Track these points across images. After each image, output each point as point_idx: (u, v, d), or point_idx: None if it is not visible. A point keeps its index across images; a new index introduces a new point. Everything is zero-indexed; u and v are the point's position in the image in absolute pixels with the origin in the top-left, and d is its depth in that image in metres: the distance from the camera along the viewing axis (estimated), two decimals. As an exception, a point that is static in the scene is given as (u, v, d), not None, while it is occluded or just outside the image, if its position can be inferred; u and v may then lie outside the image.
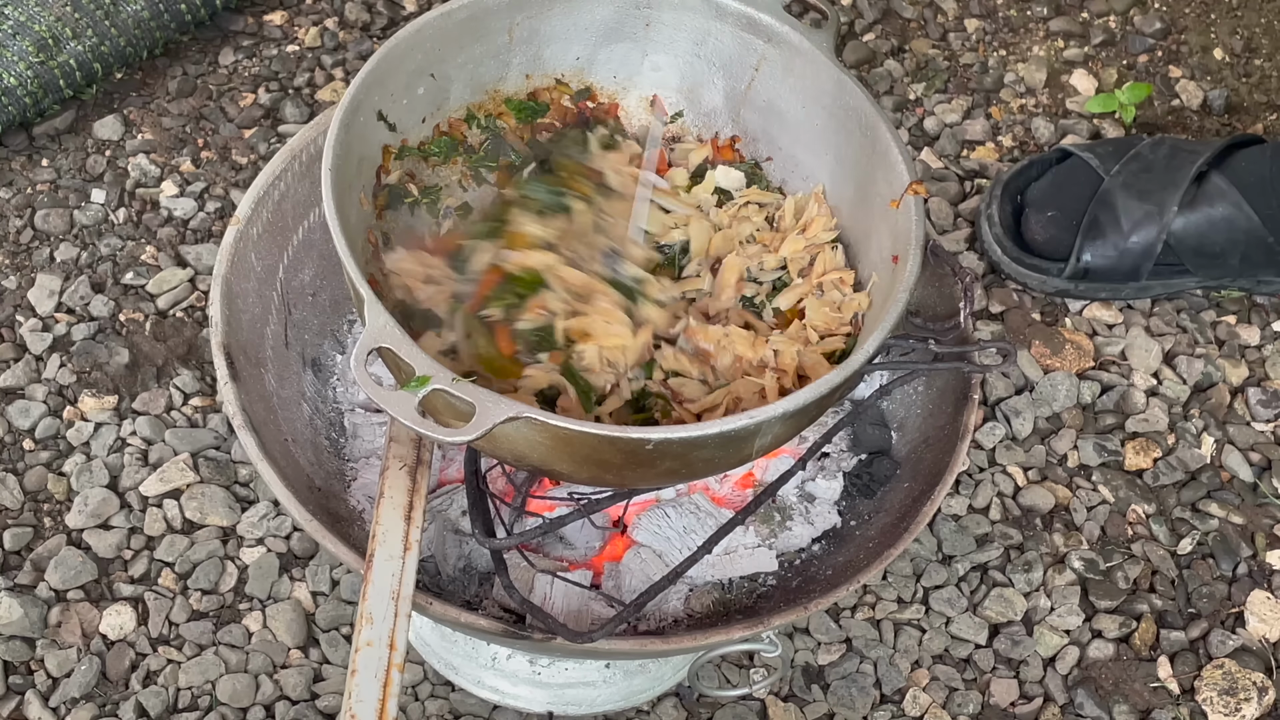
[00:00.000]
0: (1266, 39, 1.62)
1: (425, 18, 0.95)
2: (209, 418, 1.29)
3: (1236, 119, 1.57)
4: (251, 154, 1.45)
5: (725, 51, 1.02)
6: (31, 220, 1.39)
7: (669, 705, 1.18)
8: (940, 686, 1.21)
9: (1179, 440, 1.35)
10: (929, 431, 1.10)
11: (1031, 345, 1.39)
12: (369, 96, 0.92)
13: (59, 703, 1.15)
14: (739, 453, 0.88)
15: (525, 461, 0.87)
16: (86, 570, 1.21)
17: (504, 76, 1.02)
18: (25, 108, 1.41)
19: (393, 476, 0.96)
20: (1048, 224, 1.39)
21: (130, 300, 1.35)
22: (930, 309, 1.10)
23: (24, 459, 1.26)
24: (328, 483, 1.07)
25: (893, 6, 1.62)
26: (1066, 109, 1.56)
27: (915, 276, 0.88)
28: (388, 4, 1.57)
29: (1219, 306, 1.43)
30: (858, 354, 0.85)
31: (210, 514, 1.24)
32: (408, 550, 0.92)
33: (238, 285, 1.04)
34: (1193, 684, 1.22)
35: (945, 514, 1.29)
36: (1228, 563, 1.28)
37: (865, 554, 1.04)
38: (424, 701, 1.18)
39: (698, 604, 1.07)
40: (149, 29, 1.45)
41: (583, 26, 1.02)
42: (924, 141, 1.53)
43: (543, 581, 1.04)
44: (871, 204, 0.96)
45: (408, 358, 0.79)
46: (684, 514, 1.08)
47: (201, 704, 1.16)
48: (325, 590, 1.22)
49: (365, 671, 0.87)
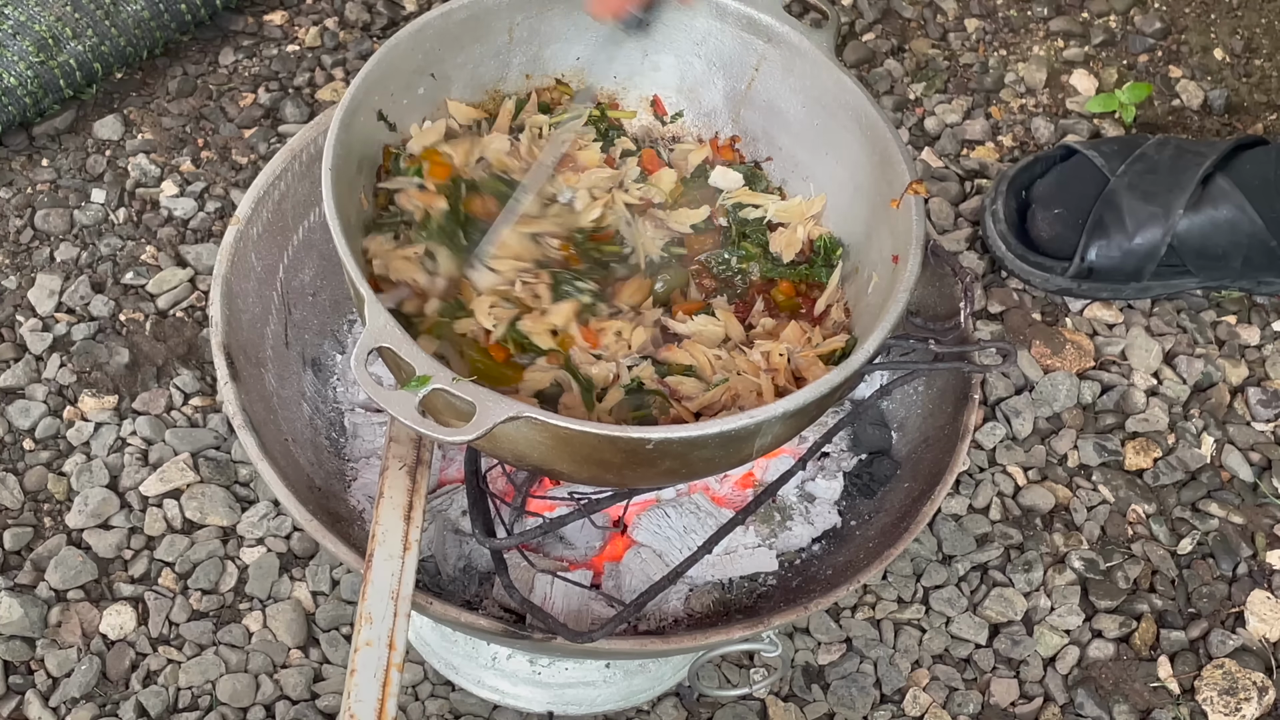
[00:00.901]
0: (1266, 39, 1.62)
1: (426, 18, 0.95)
2: (209, 418, 1.29)
3: (1236, 119, 1.57)
4: (251, 154, 1.45)
5: (725, 51, 1.02)
6: (31, 220, 1.39)
7: (669, 705, 1.18)
8: (940, 686, 1.21)
9: (1179, 440, 1.35)
10: (929, 431, 1.10)
11: (1032, 345, 1.39)
12: (369, 96, 0.92)
13: (59, 702, 1.15)
14: (739, 452, 0.88)
15: (525, 461, 0.87)
16: (86, 570, 1.21)
17: (504, 76, 1.02)
18: (25, 108, 1.41)
19: (392, 476, 0.96)
20: (1053, 222, 1.39)
21: (130, 300, 1.35)
22: (930, 309, 1.10)
23: (24, 459, 1.26)
24: (328, 483, 1.07)
25: (893, 6, 1.62)
26: (1066, 109, 1.56)
27: (915, 276, 0.88)
28: (388, 4, 1.57)
29: (1219, 306, 1.43)
30: (858, 354, 0.85)
31: (210, 514, 1.24)
32: (407, 550, 0.92)
33: (238, 285, 1.04)
34: (1193, 684, 1.22)
35: (945, 514, 1.29)
36: (1228, 563, 1.28)
37: (865, 554, 1.04)
38: (424, 701, 1.18)
39: (698, 604, 1.07)
40: (149, 29, 1.45)
41: (583, 26, 1.02)
42: (924, 141, 1.53)
43: (543, 581, 1.04)
44: (872, 203, 0.96)
45: (408, 357, 0.79)
46: (684, 514, 1.08)
47: (201, 704, 1.16)
48: (325, 590, 1.22)
49: (364, 671, 0.87)
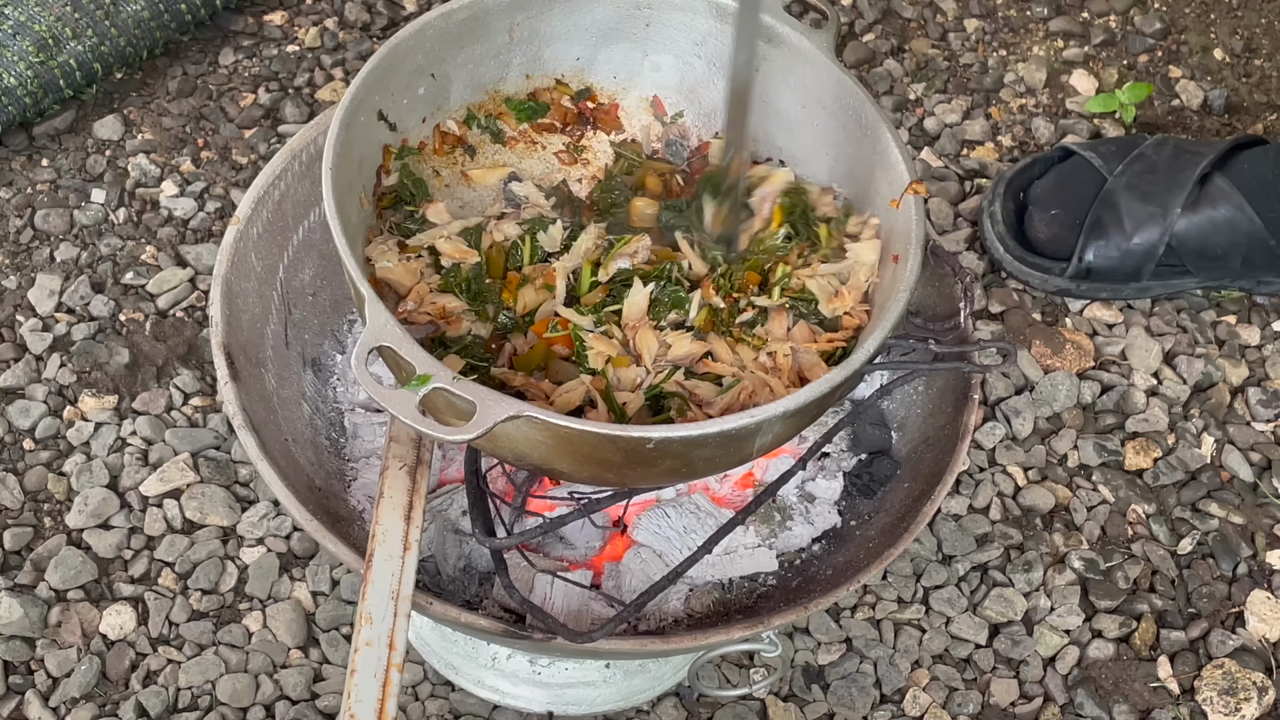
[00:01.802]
0: (1266, 39, 1.62)
1: (426, 17, 0.95)
2: (209, 418, 1.29)
3: (1236, 119, 1.57)
4: (251, 154, 1.45)
5: (726, 52, 1.02)
6: (31, 220, 1.39)
7: (669, 705, 1.18)
8: (940, 686, 1.21)
9: (1179, 440, 1.35)
10: (929, 431, 1.10)
11: (1032, 345, 1.39)
12: (369, 96, 0.92)
13: (59, 702, 1.15)
14: (739, 452, 0.88)
15: (525, 460, 0.87)
16: (86, 570, 1.21)
17: (504, 76, 1.02)
18: (25, 108, 1.41)
19: (392, 476, 0.96)
20: (1050, 223, 1.39)
21: (130, 300, 1.35)
22: (930, 309, 1.10)
23: (24, 459, 1.26)
24: (328, 483, 1.06)
25: (893, 6, 1.62)
26: (1066, 109, 1.56)
27: (915, 276, 0.88)
28: (388, 4, 1.57)
29: (1219, 306, 1.43)
30: (857, 354, 0.85)
31: (210, 514, 1.24)
32: (407, 550, 0.92)
33: (238, 285, 1.04)
34: (1193, 684, 1.22)
35: (945, 514, 1.29)
36: (1228, 562, 1.28)
37: (865, 554, 1.04)
38: (424, 701, 1.18)
39: (698, 604, 1.07)
40: (149, 29, 1.45)
41: (583, 27, 1.02)
42: (924, 141, 1.53)
43: (543, 581, 1.04)
44: (872, 203, 0.96)
45: (408, 356, 0.79)
46: (684, 514, 1.08)
47: (201, 704, 1.16)
48: (325, 590, 1.22)
49: (364, 671, 0.87)
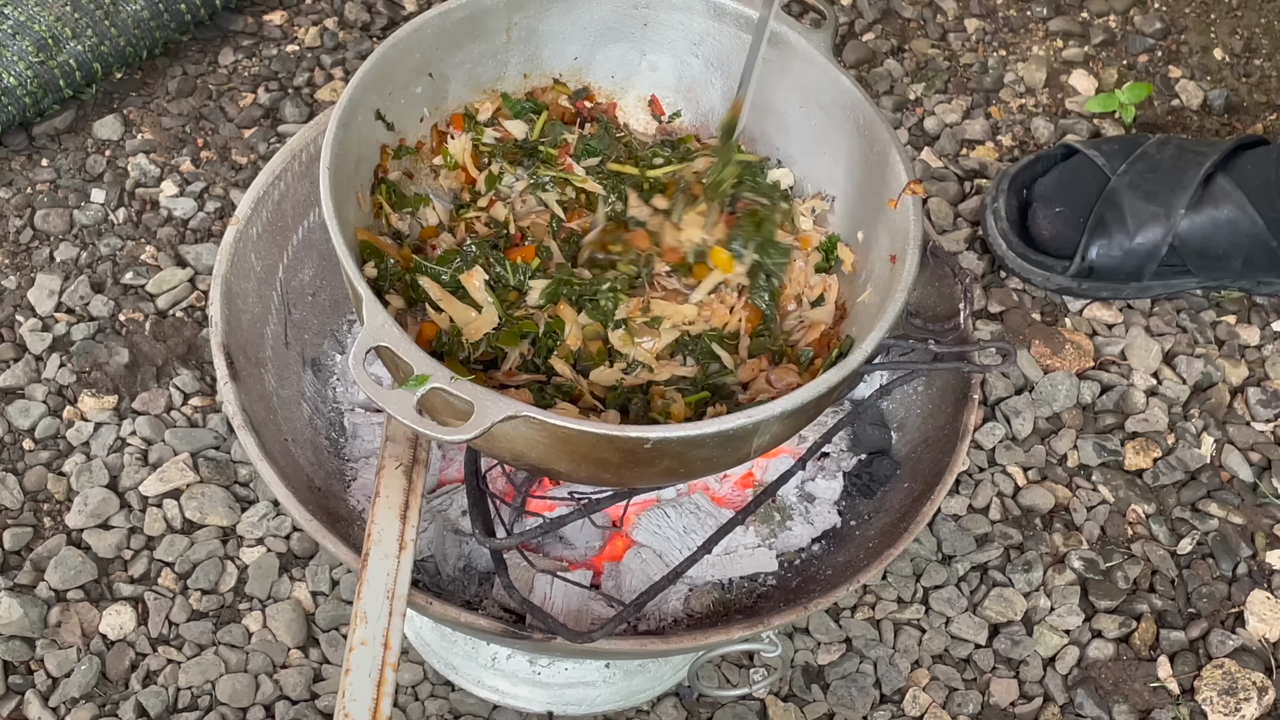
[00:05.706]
0: (1266, 39, 1.62)
1: (424, 17, 0.95)
2: (209, 418, 1.29)
3: (1236, 119, 1.57)
4: (251, 154, 1.45)
5: (723, 51, 1.02)
6: (31, 220, 1.39)
7: (669, 705, 1.18)
8: (940, 686, 1.21)
9: (1179, 440, 1.34)
10: (929, 431, 1.10)
11: (1031, 345, 1.39)
12: (367, 96, 0.92)
13: (59, 702, 1.15)
14: (737, 452, 0.88)
15: (524, 460, 0.87)
16: (86, 570, 1.21)
17: (502, 76, 1.02)
18: (25, 108, 1.41)
19: (388, 476, 0.96)
20: (1054, 220, 1.39)
21: (130, 300, 1.35)
22: (930, 309, 1.10)
23: (24, 459, 1.26)
24: (327, 483, 1.06)
25: (893, 6, 1.62)
26: (1066, 109, 1.56)
27: (913, 276, 0.88)
28: (387, 4, 1.57)
29: (1219, 306, 1.43)
30: (856, 354, 0.85)
31: (210, 514, 1.24)
32: (403, 549, 0.92)
33: (238, 285, 1.04)
34: (1193, 684, 1.22)
35: (945, 514, 1.29)
36: (1228, 563, 1.28)
37: (865, 554, 1.04)
38: (424, 701, 1.18)
39: (698, 604, 1.07)
40: (149, 29, 1.45)
41: (581, 26, 1.02)
42: (924, 141, 1.53)
43: (543, 581, 1.04)
44: (870, 204, 0.96)
45: (406, 356, 0.79)
46: (684, 514, 1.08)
47: (201, 704, 1.16)
48: (325, 590, 1.22)
49: (359, 670, 0.87)
